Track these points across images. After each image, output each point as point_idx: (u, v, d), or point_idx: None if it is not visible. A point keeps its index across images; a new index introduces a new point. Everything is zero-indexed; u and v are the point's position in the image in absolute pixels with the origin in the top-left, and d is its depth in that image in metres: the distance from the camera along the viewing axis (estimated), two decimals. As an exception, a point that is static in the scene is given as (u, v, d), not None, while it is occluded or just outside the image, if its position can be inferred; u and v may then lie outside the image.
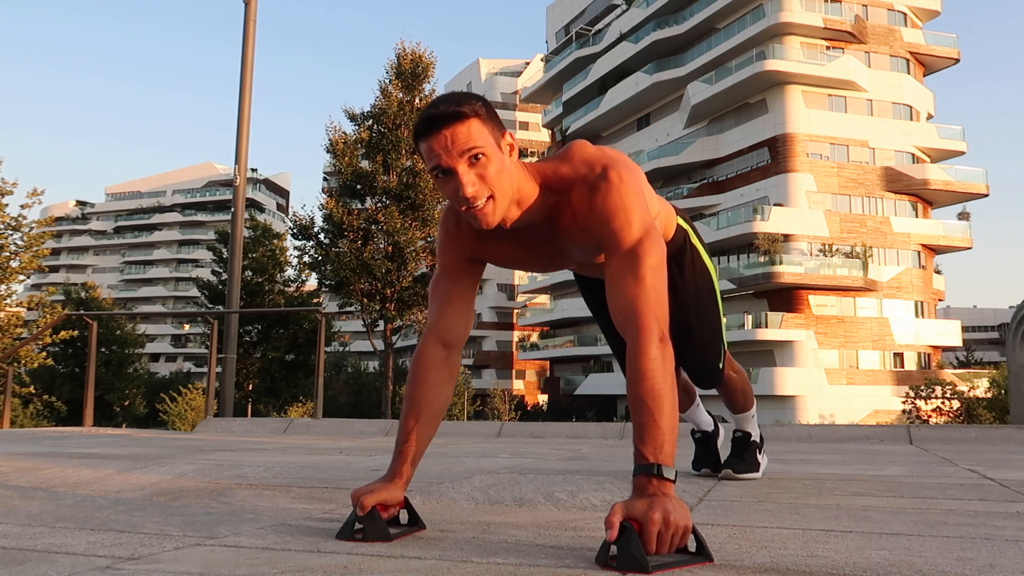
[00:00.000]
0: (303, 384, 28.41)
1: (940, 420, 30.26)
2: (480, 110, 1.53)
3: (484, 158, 1.51)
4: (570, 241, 1.69)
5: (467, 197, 1.51)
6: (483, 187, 1.52)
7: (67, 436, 5.43)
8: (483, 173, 1.52)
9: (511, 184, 1.57)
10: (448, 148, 1.50)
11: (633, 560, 1.26)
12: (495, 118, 1.58)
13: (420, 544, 1.50)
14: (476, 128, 1.51)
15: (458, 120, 1.50)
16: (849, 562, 1.33)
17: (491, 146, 1.53)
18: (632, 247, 1.56)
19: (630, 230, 1.58)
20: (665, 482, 1.36)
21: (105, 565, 1.33)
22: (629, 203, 1.59)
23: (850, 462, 3.39)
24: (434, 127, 1.51)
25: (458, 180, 1.51)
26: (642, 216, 1.60)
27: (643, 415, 1.42)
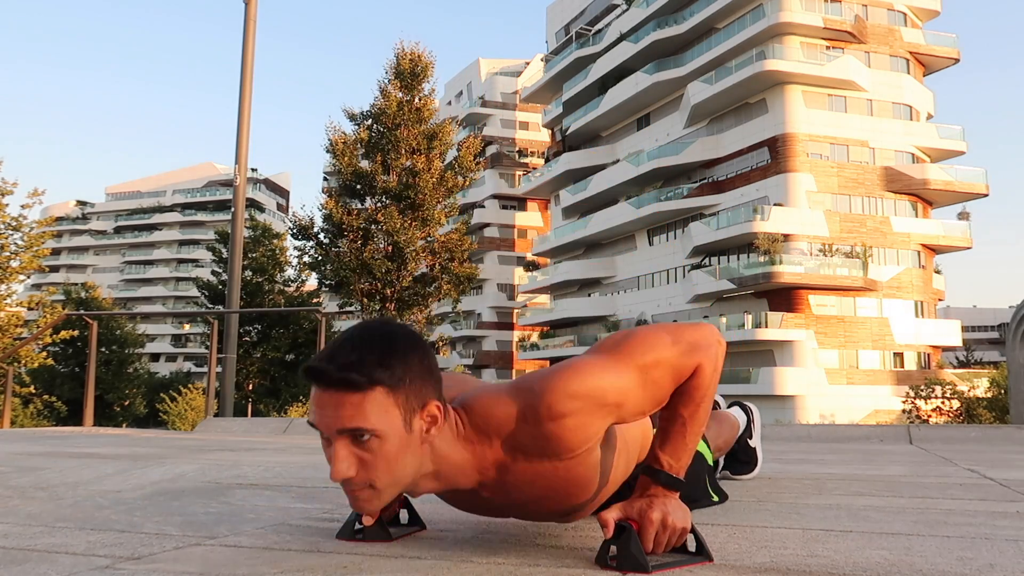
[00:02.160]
0: (303, 384, 28.35)
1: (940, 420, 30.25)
2: (388, 378, 1.20)
3: (375, 440, 1.20)
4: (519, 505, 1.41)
5: (335, 479, 1.21)
6: (361, 473, 1.22)
7: (67, 436, 5.43)
8: (367, 458, 1.21)
9: (410, 469, 1.26)
10: (328, 415, 1.20)
11: (633, 560, 1.26)
12: (420, 380, 1.24)
13: (420, 544, 1.50)
14: (376, 401, 1.19)
15: (348, 389, 1.19)
16: (849, 562, 1.33)
17: (391, 424, 1.20)
18: (644, 379, 1.33)
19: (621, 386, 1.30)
20: (670, 489, 1.36)
21: (105, 565, 1.33)
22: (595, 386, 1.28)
23: (850, 462, 3.39)
24: (319, 382, 1.21)
25: (331, 454, 1.22)
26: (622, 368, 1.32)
27: (674, 424, 1.38)
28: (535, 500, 1.39)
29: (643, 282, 45.90)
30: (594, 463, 1.37)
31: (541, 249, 54.61)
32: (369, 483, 1.24)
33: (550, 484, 1.35)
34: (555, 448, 1.29)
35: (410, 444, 1.24)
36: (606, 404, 1.29)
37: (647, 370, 1.32)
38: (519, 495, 1.37)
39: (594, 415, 1.29)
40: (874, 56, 40.24)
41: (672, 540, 1.31)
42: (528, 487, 1.35)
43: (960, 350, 51.07)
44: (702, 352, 1.37)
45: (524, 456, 1.31)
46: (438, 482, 1.33)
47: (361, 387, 1.18)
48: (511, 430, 1.29)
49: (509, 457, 1.31)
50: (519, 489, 1.35)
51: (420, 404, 1.24)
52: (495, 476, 1.33)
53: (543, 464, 1.31)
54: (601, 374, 1.30)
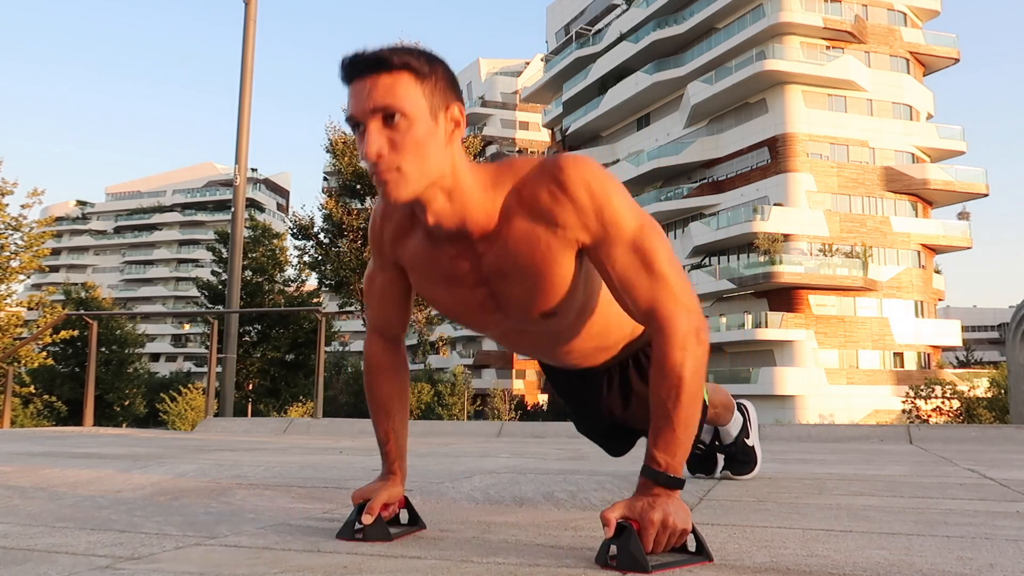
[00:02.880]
0: (303, 384, 28.40)
1: (940, 420, 30.26)
2: (417, 65, 1.29)
3: (403, 121, 1.28)
4: (509, 277, 1.43)
5: (367, 158, 1.28)
6: (392, 154, 1.28)
7: (67, 436, 5.44)
8: (396, 138, 1.28)
9: (434, 163, 1.31)
10: (363, 98, 1.28)
11: (633, 560, 1.26)
12: (445, 82, 1.33)
13: (420, 544, 1.50)
14: (404, 84, 1.28)
15: (381, 69, 1.27)
16: (849, 562, 1.33)
17: (418, 109, 1.29)
18: (635, 236, 1.37)
19: (626, 216, 1.37)
20: (670, 489, 1.35)
21: (105, 565, 1.33)
22: (612, 185, 1.37)
23: (850, 462, 3.39)
24: (354, 72, 1.30)
25: (365, 138, 1.29)
26: (632, 201, 1.40)
27: (662, 418, 1.36)
28: (522, 275, 1.41)
29: (643, 282, 45.87)
30: (577, 267, 1.42)
31: (541, 249, 54.57)
32: (398, 165, 1.29)
33: (536, 255, 1.39)
34: (550, 211, 1.35)
35: (435, 136, 1.31)
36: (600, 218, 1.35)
37: (642, 242, 1.38)
38: (508, 259, 1.40)
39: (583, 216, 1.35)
40: (874, 56, 40.25)
41: (672, 541, 1.31)
42: (517, 248, 1.39)
43: (960, 350, 51.08)
44: (679, 304, 1.37)
45: (522, 211, 1.37)
46: (451, 204, 1.37)
47: (392, 65, 1.27)
48: (523, 177, 1.38)
49: (512, 206, 1.38)
50: (510, 248, 1.39)
51: (444, 104, 1.32)
52: (496, 225, 1.39)
53: (535, 227, 1.37)
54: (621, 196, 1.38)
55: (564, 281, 1.43)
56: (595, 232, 1.37)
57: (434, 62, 1.33)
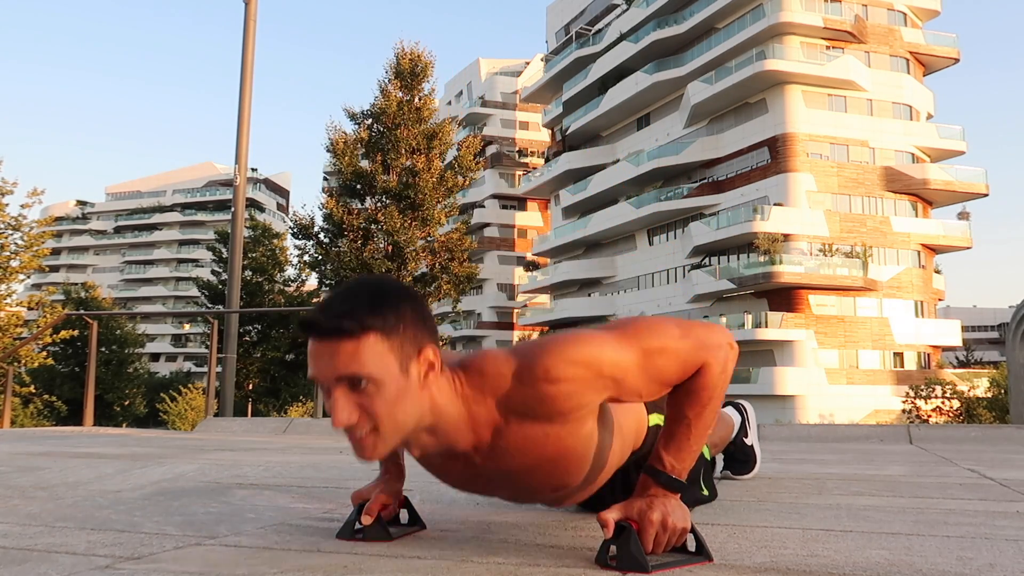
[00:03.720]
0: (303, 384, 28.40)
1: (940, 420, 30.25)
2: (382, 324, 1.21)
3: (371, 385, 1.21)
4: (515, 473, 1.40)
5: (336, 426, 1.23)
6: (362, 419, 1.23)
7: (67, 436, 5.43)
8: (365, 403, 1.22)
9: (410, 416, 1.26)
10: (324, 363, 1.21)
11: (633, 560, 1.26)
12: (414, 327, 1.25)
13: (420, 544, 1.50)
14: (369, 346, 1.20)
15: (342, 336, 1.20)
16: (849, 561, 1.33)
17: (388, 370, 1.21)
18: (640, 363, 1.32)
19: (622, 360, 1.31)
20: (670, 490, 1.35)
21: (105, 564, 1.33)
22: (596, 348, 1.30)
23: (850, 462, 3.39)
24: (314, 334, 1.22)
25: (331, 404, 1.23)
26: (620, 344, 1.32)
27: (679, 426, 1.37)
28: (526, 470, 1.38)
29: (643, 282, 45.91)
30: (586, 436, 1.37)
31: (541, 249, 54.61)
32: (372, 426, 1.24)
33: (541, 452, 1.35)
34: (547, 410, 1.29)
35: (408, 390, 1.25)
36: (603, 376, 1.29)
37: (650, 355, 1.32)
38: (511, 462, 1.36)
39: (589, 385, 1.29)
40: (874, 56, 40.25)
41: (672, 541, 1.31)
42: (520, 453, 1.34)
43: (960, 350, 51.08)
44: (710, 351, 1.36)
45: (517, 418, 1.31)
46: (435, 437, 1.33)
47: (354, 333, 1.20)
48: (507, 389, 1.30)
49: (503, 419, 1.32)
50: (511, 455, 1.35)
51: (416, 350, 1.25)
52: (489, 439, 1.33)
53: (535, 428, 1.32)
54: (603, 347, 1.30)
55: (576, 458, 1.40)
56: (608, 387, 1.32)
57: (402, 307, 1.25)
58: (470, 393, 1.32)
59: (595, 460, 1.44)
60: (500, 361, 1.32)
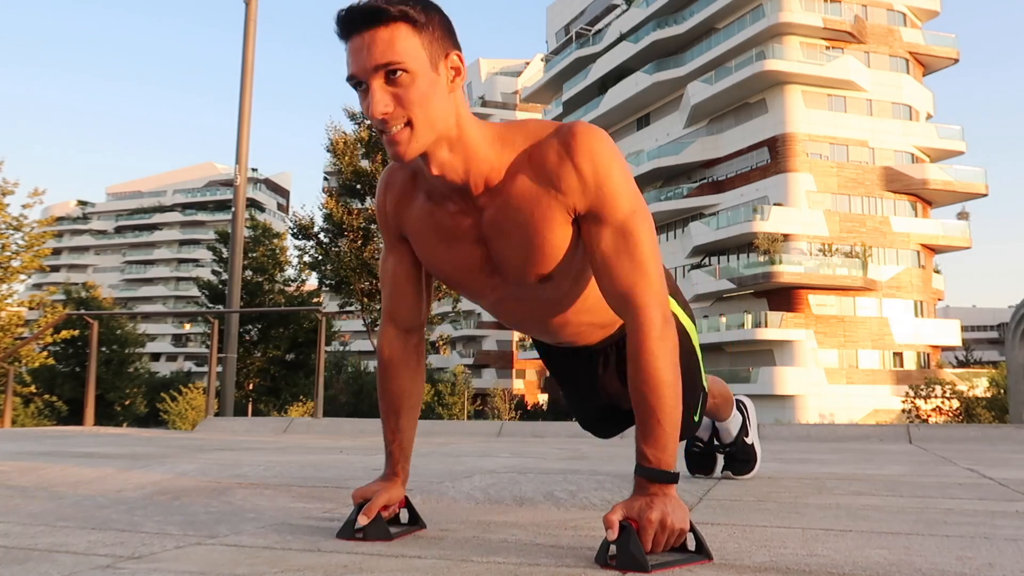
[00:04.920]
0: (303, 383, 28.40)
1: (939, 419, 30.27)
2: (414, 14, 1.26)
3: (406, 75, 1.26)
4: (508, 235, 1.43)
5: (375, 117, 1.27)
6: (398, 110, 1.27)
7: (68, 435, 5.44)
8: (401, 94, 1.27)
9: (440, 114, 1.31)
10: (363, 56, 1.26)
11: (633, 559, 1.26)
12: (442, 30, 1.31)
13: (421, 543, 1.51)
14: (403, 36, 1.26)
15: (378, 22, 1.25)
16: (849, 561, 1.33)
17: (419, 62, 1.27)
18: (625, 219, 1.39)
19: (622, 196, 1.38)
20: (666, 484, 1.35)
21: (106, 564, 1.33)
22: (619, 163, 1.38)
23: (850, 461, 3.39)
24: (350, 28, 1.27)
25: (369, 97, 1.27)
26: (633, 184, 1.41)
27: (645, 412, 1.37)
28: (522, 236, 1.41)
29: (643, 282, 45.88)
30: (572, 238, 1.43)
31: (541, 249, 54.59)
32: (406, 119, 1.28)
33: (539, 222, 1.39)
34: (556, 177, 1.36)
35: (438, 86, 1.30)
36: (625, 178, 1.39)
37: (636, 233, 1.40)
38: (507, 216, 1.40)
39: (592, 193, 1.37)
40: (874, 56, 40.26)
41: (671, 540, 1.32)
42: (519, 211, 1.39)
43: (959, 350, 51.07)
44: (653, 297, 1.39)
45: (528, 173, 1.38)
46: (454, 155, 1.36)
47: (390, 18, 1.25)
48: (535, 141, 1.38)
49: (518, 167, 1.38)
50: (512, 208, 1.39)
51: (443, 52, 1.31)
52: (500, 181, 1.39)
53: (537, 191, 1.38)
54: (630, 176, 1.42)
55: (561, 246, 1.43)
56: (591, 204, 1.38)
57: (430, 9, 1.30)
58: (494, 132, 1.40)
59: (577, 277, 1.51)
60: (543, 123, 1.43)
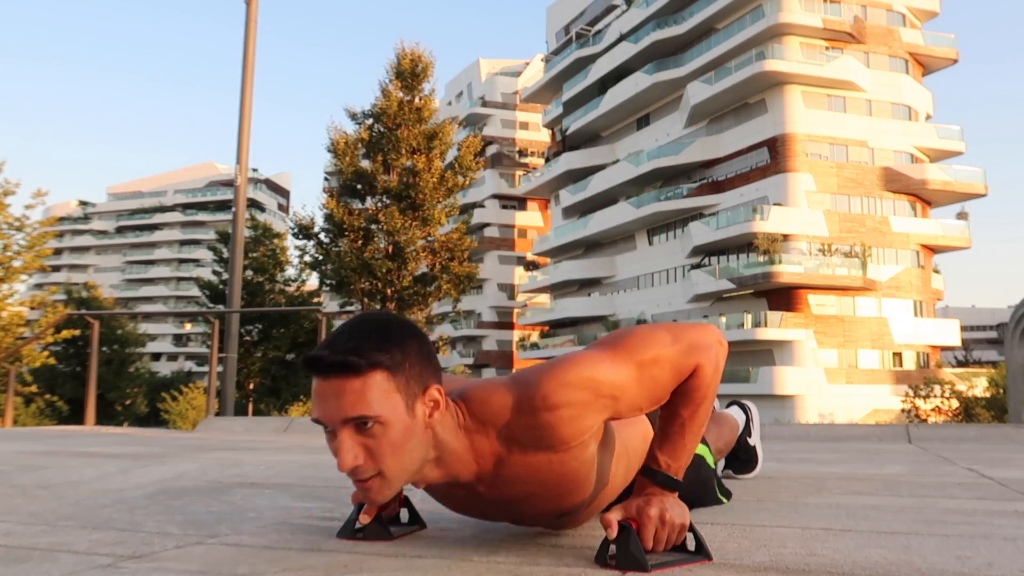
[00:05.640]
0: (304, 383, 28.36)
1: (939, 419, 30.25)
2: (389, 360, 1.20)
3: (378, 426, 1.20)
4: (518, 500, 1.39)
5: (342, 469, 1.22)
6: (368, 462, 1.23)
7: (69, 435, 5.44)
8: (372, 445, 1.22)
9: (416, 456, 1.27)
10: (330, 405, 1.20)
11: (632, 559, 1.26)
12: (419, 365, 1.25)
13: (421, 543, 1.51)
14: (376, 386, 1.19)
15: (348, 373, 1.19)
16: (848, 560, 1.34)
17: (394, 410, 1.21)
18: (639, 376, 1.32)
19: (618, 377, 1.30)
20: (668, 489, 1.36)
21: (107, 563, 1.34)
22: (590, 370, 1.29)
23: (849, 461, 3.39)
24: (319, 372, 1.21)
25: (337, 446, 1.23)
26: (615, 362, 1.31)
27: (674, 425, 1.37)
28: (530, 496, 1.38)
29: (643, 282, 45.90)
30: (589, 460, 1.37)
31: (541, 249, 54.61)
32: (377, 471, 1.24)
33: (545, 479, 1.34)
34: (549, 439, 1.29)
35: (414, 430, 1.24)
36: (601, 396, 1.29)
37: (645, 367, 1.32)
38: (514, 490, 1.36)
39: (589, 407, 1.29)
40: (873, 56, 40.25)
41: (671, 537, 1.32)
42: (523, 481, 1.34)
43: (959, 350, 51.06)
44: (702, 352, 1.36)
45: (520, 448, 1.30)
46: (440, 470, 1.32)
47: (360, 369, 1.18)
48: (507, 420, 1.29)
49: (505, 448, 1.31)
50: (514, 483, 1.34)
51: (421, 388, 1.25)
52: (492, 468, 1.33)
53: (538, 456, 1.31)
54: (597, 366, 1.29)
55: (580, 481, 1.38)
56: (607, 406, 1.31)
57: (408, 344, 1.24)
58: (472, 425, 1.31)
59: (598, 482, 1.43)
60: (500, 392, 1.30)
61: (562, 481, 1.36)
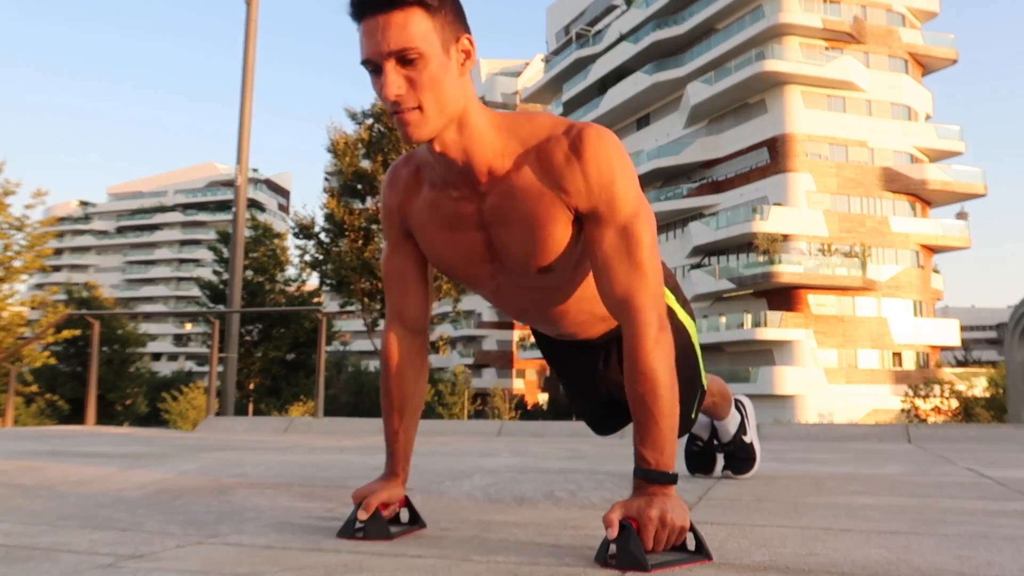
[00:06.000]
0: (304, 383, 28.38)
1: (938, 419, 30.25)
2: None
3: (419, 60, 1.28)
4: (509, 223, 1.43)
5: (388, 100, 1.30)
6: (410, 93, 1.30)
7: (69, 435, 5.44)
8: (414, 77, 1.29)
9: (451, 98, 1.33)
10: (377, 40, 1.28)
11: (632, 559, 1.26)
12: (454, 13, 1.33)
13: (421, 542, 1.51)
14: (416, 20, 1.28)
15: (393, 6, 1.27)
16: (848, 560, 1.34)
17: (432, 46, 1.29)
18: (627, 222, 1.41)
19: (626, 199, 1.40)
20: (665, 485, 1.36)
21: (107, 563, 1.34)
22: (625, 166, 1.41)
23: (849, 461, 3.40)
24: (364, 10, 1.29)
25: (382, 80, 1.30)
26: (637, 186, 1.43)
27: (643, 414, 1.37)
28: (523, 226, 1.43)
29: (643, 282, 45.90)
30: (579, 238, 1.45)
31: (541, 249, 54.61)
32: (418, 103, 1.31)
33: (542, 215, 1.41)
34: (561, 172, 1.38)
35: (449, 70, 1.32)
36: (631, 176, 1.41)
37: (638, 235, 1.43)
38: (513, 206, 1.41)
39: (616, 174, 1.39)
40: (873, 57, 40.26)
41: (671, 538, 1.32)
42: (523, 201, 1.40)
43: (958, 350, 51.05)
44: (649, 298, 1.41)
45: (535, 165, 1.39)
46: (459, 135, 1.37)
47: (404, 3, 1.27)
48: (544, 133, 1.40)
49: (526, 156, 1.39)
50: (516, 198, 1.40)
51: (455, 35, 1.33)
52: (506, 168, 1.40)
53: (544, 185, 1.39)
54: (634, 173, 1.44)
55: (562, 240, 1.45)
56: (594, 206, 1.40)
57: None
58: (501, 120, 1.41)
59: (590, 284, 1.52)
60: (551, 117, 1.43)
61: (551, 225, 1.42)
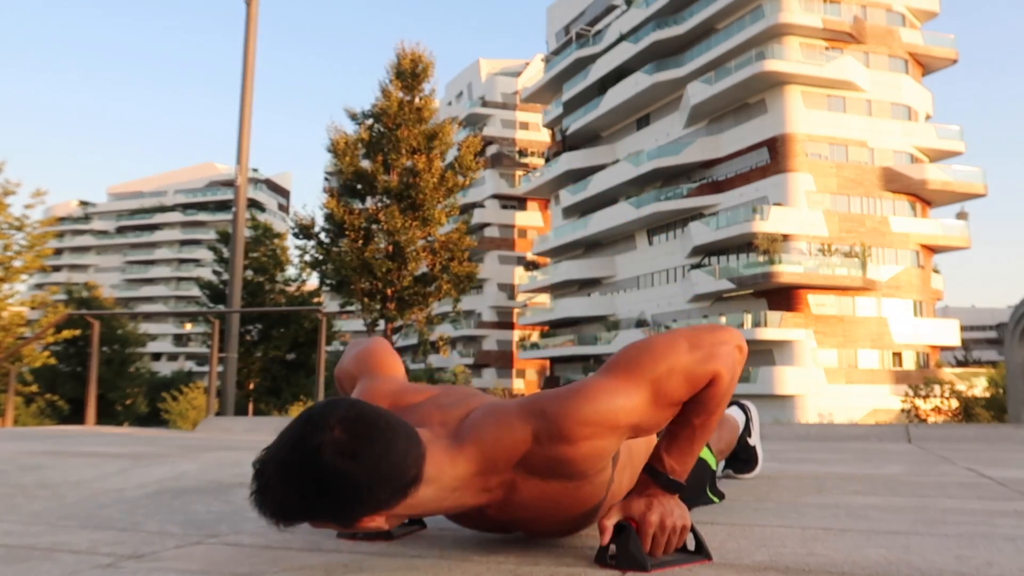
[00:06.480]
0: (304, 383, 28.38)
1: (938, 419, 30.25)
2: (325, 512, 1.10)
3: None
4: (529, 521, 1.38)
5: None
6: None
7: (69, 435, 5.44)
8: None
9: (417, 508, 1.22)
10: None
11: (632, 559, 1.26)
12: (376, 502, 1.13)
13: (421, 542, 1.51)
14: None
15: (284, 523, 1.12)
16: (848, 560, 1.34)
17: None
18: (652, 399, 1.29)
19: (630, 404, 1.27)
20: (670, 491, 1.36)
21: (107, 563, 1.34)
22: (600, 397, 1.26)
23: (849, 461, 3.40)
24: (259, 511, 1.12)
25: None
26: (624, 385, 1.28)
27: (683, 427, 1.35)
28: (541, 517, 1.37)
29: (643, 282, 45.91)
30: (603, 481, 1.36)
31: (541, 249, 54.61)
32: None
33: (558, 502, 1.33)
34: (568, 471, 1.27)
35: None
36: (619, 427, 1.27)
37: (660, 382, 1.29)
38: (525, 512, 1.34)
39: (607, 438, 1.27)
40: (873, 57, 40.24)
41: (672, 539, 1.32)
42: (535, 506, 1.32)
43: (958, 350, 51.06)
44: (720, 360, 1.32)
45: (535, 476, 1.28)
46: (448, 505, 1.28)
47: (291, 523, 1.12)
48: (523, 453, 1.25)
49: (518, 476, 1.28)
50: (526, 507, 1.32)
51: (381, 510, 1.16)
52: (502, 496, 1.30)
53: (552, 484, 1.29)
54: (613, 398, 1.26)
55: (594, 501, 1.38)
56: (626, 432, 1.30)
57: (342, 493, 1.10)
58: (481, 467, 1.25)
59: (609, 496, 1.42)
60: (514, 427, 1.25)
61: (575, 502, 1.34)
